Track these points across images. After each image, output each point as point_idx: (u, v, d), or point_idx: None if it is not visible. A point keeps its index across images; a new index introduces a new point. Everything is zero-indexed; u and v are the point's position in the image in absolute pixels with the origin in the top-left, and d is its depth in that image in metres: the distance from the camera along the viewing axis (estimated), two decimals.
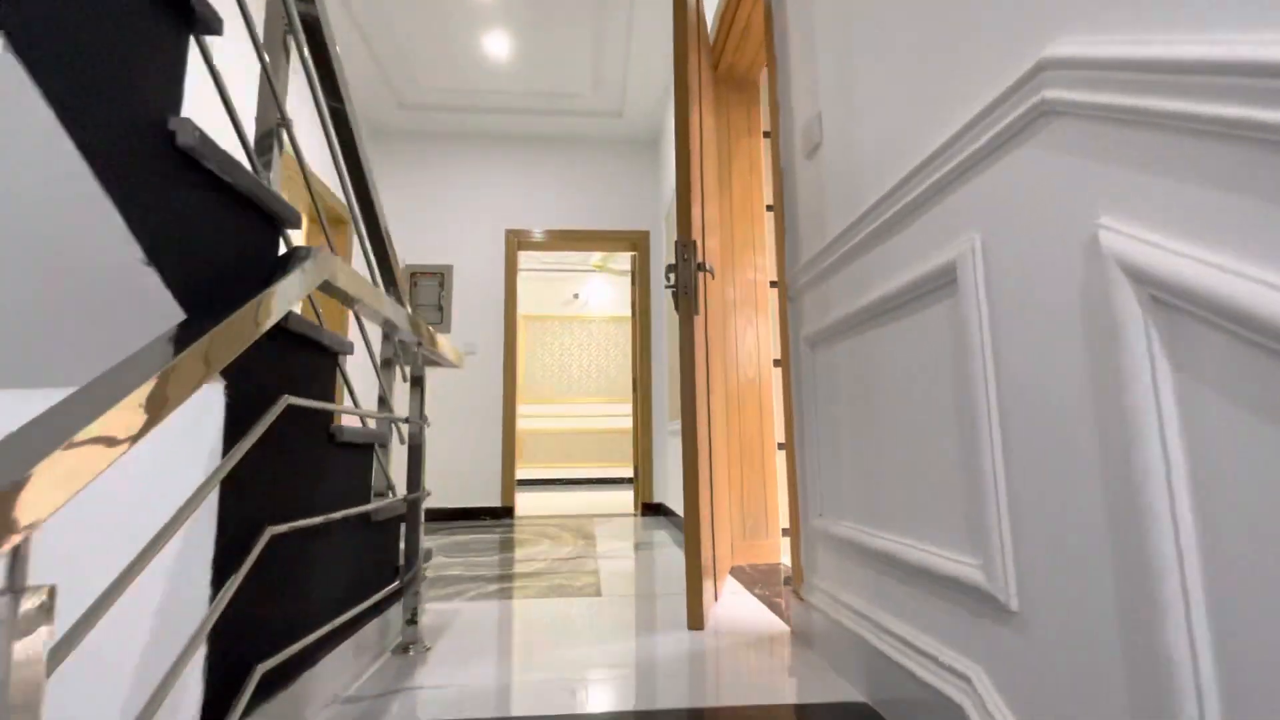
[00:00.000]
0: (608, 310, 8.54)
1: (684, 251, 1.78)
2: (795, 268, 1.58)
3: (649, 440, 4.41)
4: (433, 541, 3.26)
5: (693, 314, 1.77)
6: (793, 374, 1.60)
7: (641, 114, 4.38)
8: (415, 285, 4.42)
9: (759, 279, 2.75)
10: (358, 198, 1.63)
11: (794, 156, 1.61)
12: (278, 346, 1.00)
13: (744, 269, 2.74)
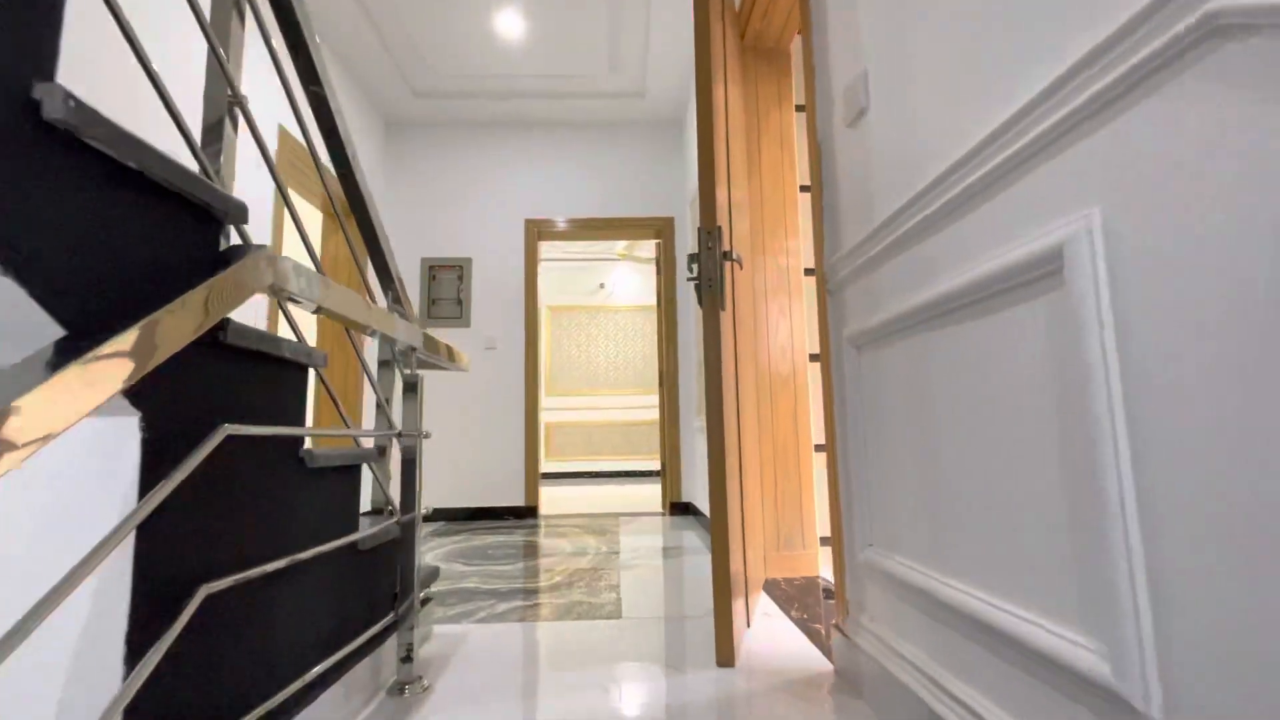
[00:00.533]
0: (634, 300, 8.35)
1: (708, 239, 1.58)
2: (835, 256, 1.37)
3: (676, 435, 4.23)
4: (451, 544, 3.14)
5: (719, 309, 1.57)
6: (834, 379, 1.39)
7: (664, 93, 4.15)
8: (434, 279, 4.29)
9: (792, 265, 2.53)
10: (345, 189, 1.47)
11: (833, 127, 1.39)
12: (214, 365, 0.84)
13: (776, 255, 2.52)
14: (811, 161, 1.51)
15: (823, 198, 1.46)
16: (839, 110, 1.36)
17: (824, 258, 1.45)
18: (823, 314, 1.45)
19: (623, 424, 8.08)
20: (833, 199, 1.40)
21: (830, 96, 1.41)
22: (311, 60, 1.26)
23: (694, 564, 2.64)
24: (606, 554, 2.87)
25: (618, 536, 3.34)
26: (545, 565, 2.64)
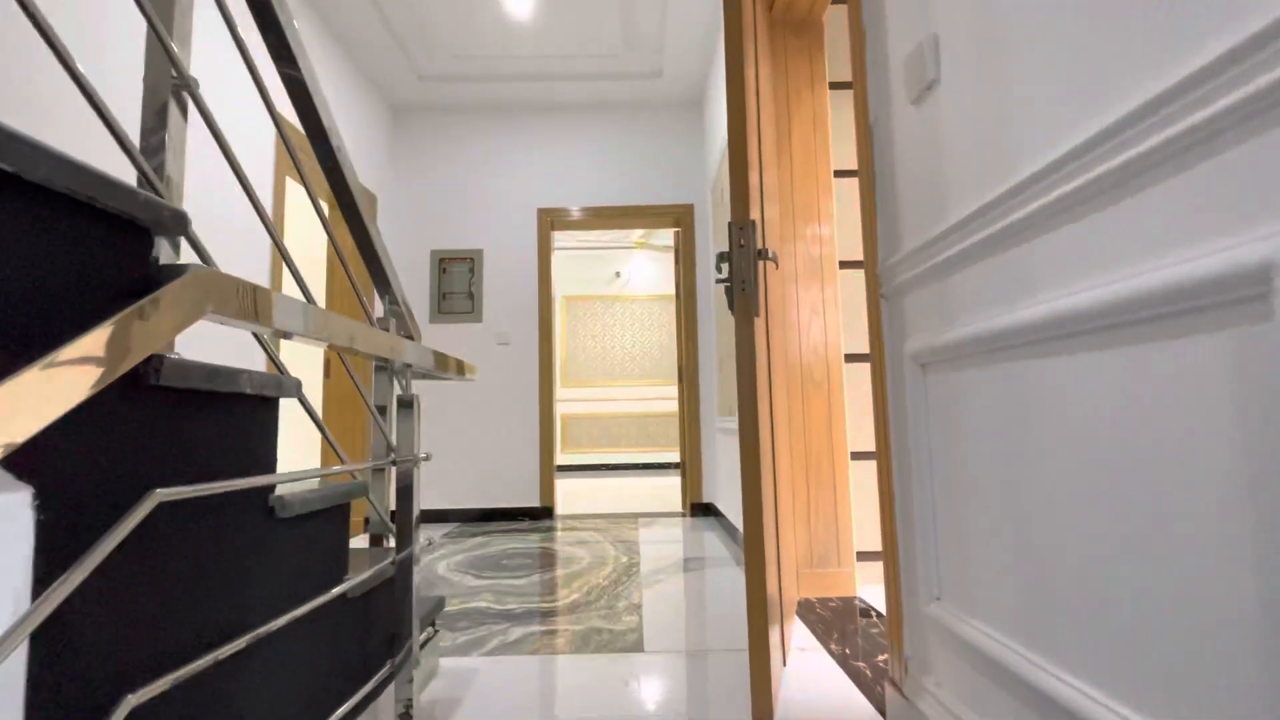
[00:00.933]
0: (651, 289, 8.16)
1: (740, 235, 1.39)
2: (893, 257, 1.17)
3: (696, 434, 4.05)
4: (464, 553, 3.01)
5: (752, 315, 1.38)
6: (890, 398, 1.21)
7: (682, 73, 3.92)
8: (444, 272, 4.14)
9: (825, 255, 2.33)
10: (332, 187, 1.31)
11: (889, 104, 1.19)
12: (143, 414, 0.67)
13: (808, 243, 2.32)
14: (860, 145, 1.31)
15: (874, 187, 1.26)
16: (897, 84, 1.15)
17: (876, 257, 1.25)
18: (874, 320, 1.26)
19: (640, 416, 7.93)
20: (888, 189, 1.20)
21: (885, 68, 1.21)
22: (283, 35, 1.09)
23: (719, 579, 2.48)
24: (626, 565, 2.71)
25: (637, 543, 3.19)
26: (562, 578, 2.49)
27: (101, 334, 0.52)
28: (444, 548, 3.16)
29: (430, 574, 2.62)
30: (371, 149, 3.88)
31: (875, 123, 1.26)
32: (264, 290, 0.74)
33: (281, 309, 0.76)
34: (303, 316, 0.82)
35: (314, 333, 0.85)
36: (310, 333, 0.84)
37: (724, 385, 3.43)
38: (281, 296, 0.77)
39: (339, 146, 1.27)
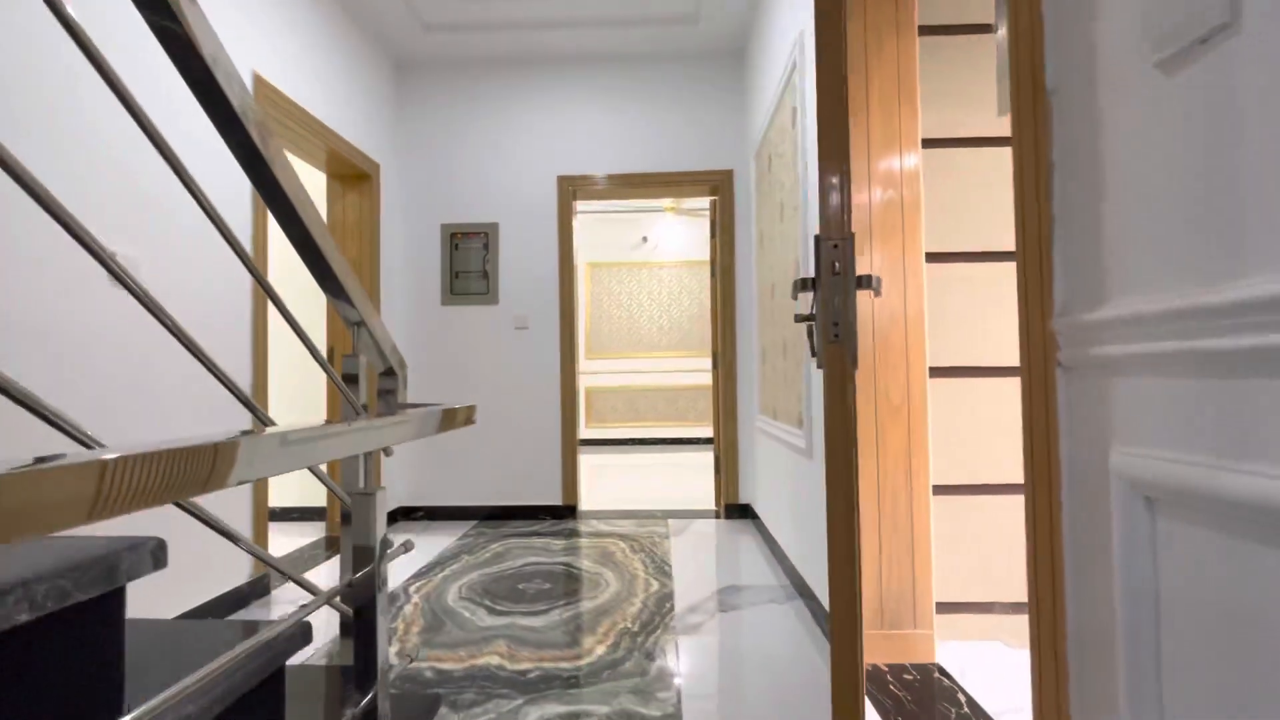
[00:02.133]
0: (680, 255, 7.67)
1: (834, 256, 0.98)
2: (1093, 312, 0.76)
3: (733, 430, 3.68)
4: (479, 573, 2.72)
5: (848, 369, 0.98)
6: (1064, 526, 0.81)
7: (721, 17, 3.39)
8: (457, 249, 3.76)
9: (908, 246, 1.89)
10: (243, 161, 0.93)
11: (1091, 64, 0.76)
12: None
13: (888, 236, 1.88)
14: (1020, 128, 0.88)
15: (1050, 196, 0.84)
16: (1118, 32, 0.72)
17: (1047, 303, 0.83)
18: (1036, 396, 0.85)
19: (668, 389, 7.57)
20: (1087, 202, 0.78)
21: (1078, 7, 0.77)
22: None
23: (766, 623, 2.14)
24: (658, 597, 2.39)
25: (669, 559, 2.87)
26: (586, 616, 2.18)
27: None
28: (458, 561, 2.89)
29: (439, 604, 2.34)
30: (372, 110, 3.46)
31: (1058, 94, 0.82)
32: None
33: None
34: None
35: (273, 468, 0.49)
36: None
37: (767, 381, 3.04)
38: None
39: (253, 123, 0.89)
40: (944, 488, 1.96)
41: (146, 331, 1.91)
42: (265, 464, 0.64)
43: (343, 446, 0.82)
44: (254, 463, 0.63)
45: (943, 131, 2.02)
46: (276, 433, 0.66)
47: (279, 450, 0.69)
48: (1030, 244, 0.86)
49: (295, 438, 0.70)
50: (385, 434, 0.95)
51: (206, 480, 0.59)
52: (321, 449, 0.76)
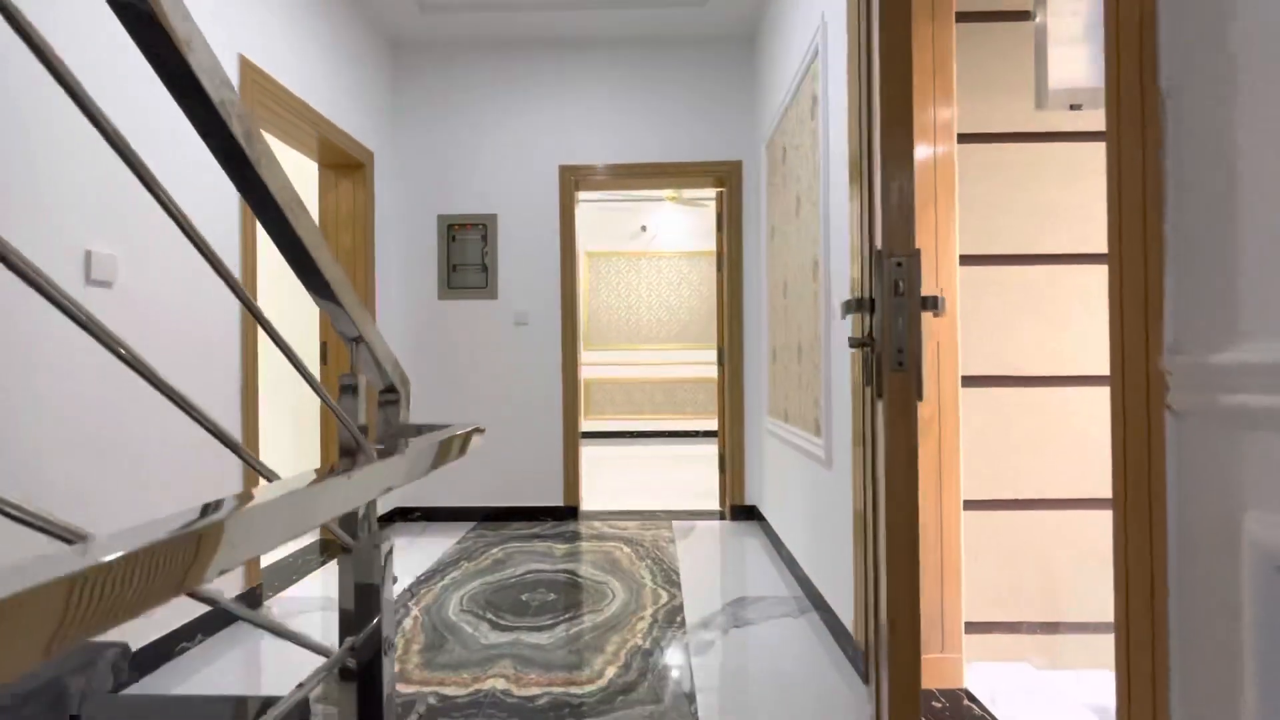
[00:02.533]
0: (680, 245, 7.54)
1: (897, 275, 0.86)
2: (1222, 352, 0.65)
3: (740, 431, 3.58)
4: (481, 582, 2.61)
5: (913, 401, 0.88)
6: (1171, 595, 0.71)
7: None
8: (454, 240, 3.62)
9: (941, 246, 1.78)
10: (225, 164, 0.80)
11: (1234, 70, 0.64)
12: None
13: (921, 240, 1.76)
14: (1123, 133, 0.76)
15: (1163, 213, 0.72)
16: (1266, 31, 0.60)
17: (1155, 337, 0.73)
18: (1136, 440, 0.74)
19: (667, 381, 7.47)
20: (1215, 223, 0.67)
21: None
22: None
23: (779, 640, 2.05)
24: (668, 609, 2.30)
25: (676, 565, 2.78)
26: (593, 632, 2.09)
27: None
28: (458, 568, 2.78)
29: (440, 617, 2.23)
30: (367, 95, 3.30)
31: (1174, 94, 0.71)
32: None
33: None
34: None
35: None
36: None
37: (778, 382, 2.94)
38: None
39: (245, 139, 0.76)
40: (973, 503, 1.87)
41: (114, 363, 1.77)
42: (255, 542, 0.53)
43: (341, 501, 0.71)
44: (238, 546, 0.51)
45: (976, 126, 1.90)
46: (268, 500, 0.55)
47: (272, 520, 0.58)
48: (1132, 268, 0.75)
49: (289, 501, 0.58)
50: (390, 474, 0.84)
51: (183, 580, 0.47)
52: (323, 506, 0.64)
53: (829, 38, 2.08)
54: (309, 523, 0.65)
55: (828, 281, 2.09)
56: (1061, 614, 1.90)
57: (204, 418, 0.66)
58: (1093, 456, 1.87)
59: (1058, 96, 1.90)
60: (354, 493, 0.73)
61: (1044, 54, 1.90)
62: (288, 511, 0.60)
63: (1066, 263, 1.90)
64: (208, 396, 2.09)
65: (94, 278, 1.69)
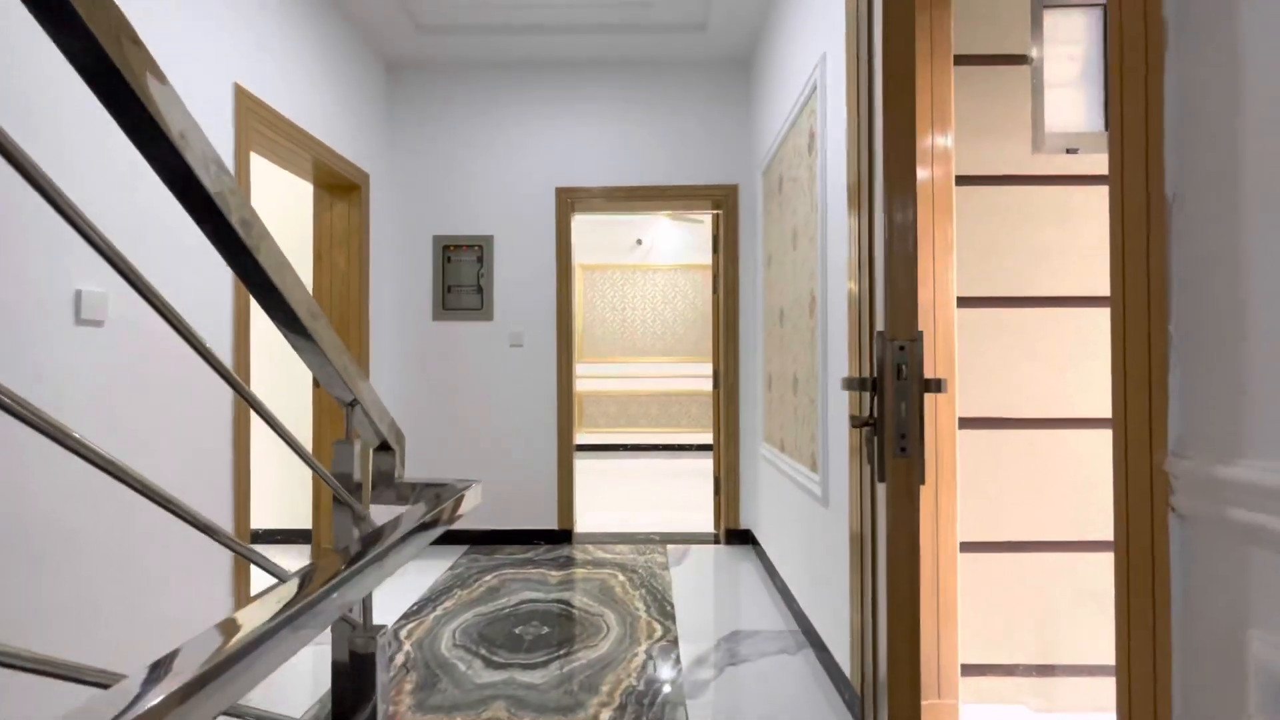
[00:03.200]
0: (675, 258, 7.55)
1: (900, 359, 0.86)
2: (1229, 464, 0.65)
3: (734, 453, 3.57)
4: (473, 613, 2.59)
5: (915, 486, 0.87)
6: (1175, 703, 0.70)
7: (730, 25, 3.25)
8: (449, 261, 3.60)
9: (939, 292, 1.78)
10: (224, 251, 0.79)
11: (1238, 177, 0.64)
12: None
13: (920, 283, 1.76)
14: (1128, 237, 0.76)
15: (1168, 315, 0.72)
16: (1272, 138, 0.60)
17: (1153, 436, 0.72)
18: (1139, 542, 0.74)
19: (662, 394, 7.46)
20: (1222, 331, 0.66)
21: (1215, 99, 0.65)
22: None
23: (780, 685, 2.04)
24: (662, 643, 2.29)
25: (671, 596, 2.76)
26: (587, 670, 2.07)
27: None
28: (451, 597, 2.76)
29: (432, 653, 2.21)
30: (362, 116, 3.28)
31: (1180, 200, 0.70)
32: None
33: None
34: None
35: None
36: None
37: (773, 410, 2.93)
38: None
39: (243, 228, 0.75)
40: (970, 544, 1.87)
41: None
42: (236, 688, 0.51)
43: (335, 607, 0.69)
44: (226, 690, 0.50)
45: (974, 168, 1.91)
46: (242, 642, 0.53)
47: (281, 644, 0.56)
48: (1136, 364, 0.75)
49: (271, 634, 0.56)
50: (388, 565, 0.83)
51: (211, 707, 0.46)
52: (301, 632, 0.63)
53: (828, 75, 2.09)
54: (312, 634, 0.64)
55: (825, 321, 2.09)
56: (1058, 656, 1.90)
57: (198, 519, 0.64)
58: (1090, 498, 1.87)
59: (1054, 140, 1.91)
60: (339, 600, 0.72)
61: (1041, 98, 1.91)
62: (291, 638, 0.59)
63: (1064, 305, 1.91)
64: (200, 427, 2.07)
65: (84, 317, 1.66)
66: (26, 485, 1.50)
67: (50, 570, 1.55)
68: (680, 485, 5.29)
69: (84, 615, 1.63)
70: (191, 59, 2.08)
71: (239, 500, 2.24)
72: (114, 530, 1.72)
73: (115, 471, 0.58)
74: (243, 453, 2.26)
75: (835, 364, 2.01)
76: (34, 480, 1.51)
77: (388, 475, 1.26)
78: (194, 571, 2.01)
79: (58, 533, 1.57)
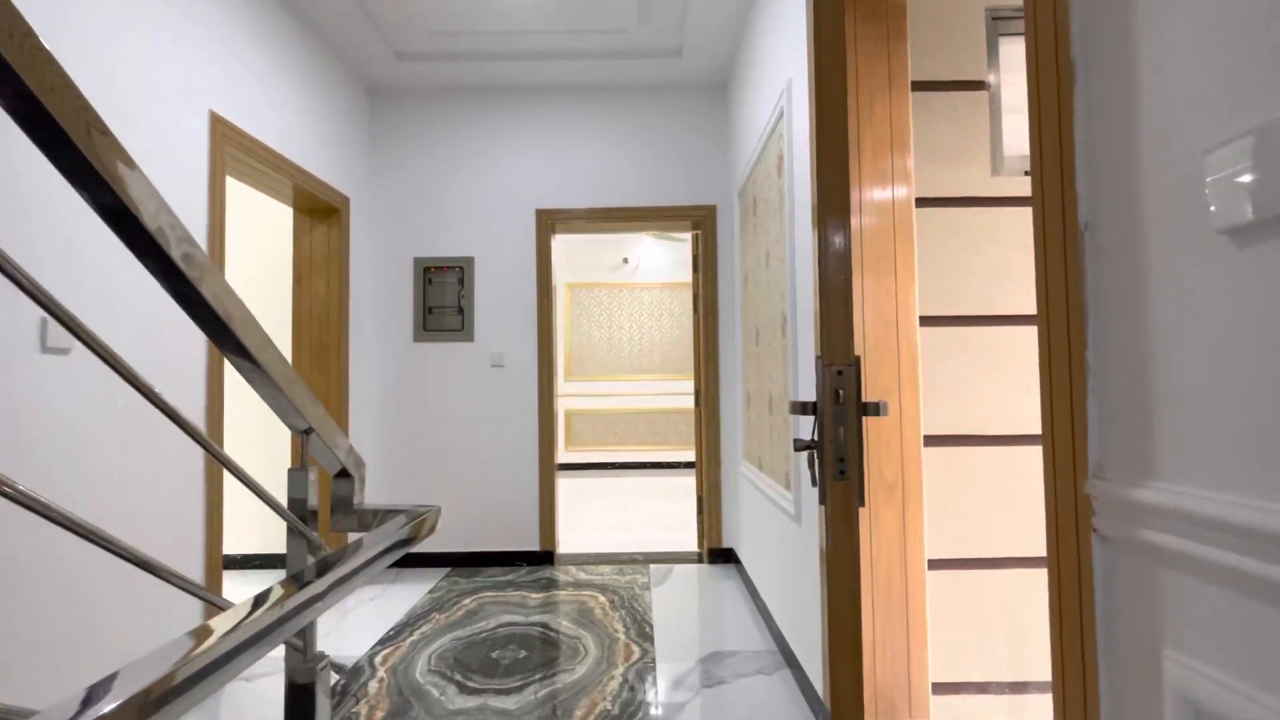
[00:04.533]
0: (661, 277, 7.60)
1: (837, 383, 0.88)
2: (1138, 486, 0.67)
3: (716, 473, 3.58)
4: (452, 636, 2.57)
5: (854, 507, 0.89)
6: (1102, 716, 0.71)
7: (705, 50, 3.31)
8: (430, 283, 3.62)
9: (902, 315, 1.81)
10: (155, 269, 0.81)
11: (1138, 212, 0.67)
12: None
13: (879, 302, 1.80)
14: (1048, 260, 0.79)
15: (1085, 341, 0.74)
16: (1167, 182, 0.63)
17: (1076, 461, 0.74)
18: (1067, 563, 0.75)
19: (649, 412, 7.46)
20: (1129, 359, 0.69)
21: (1117, 130, 0.68)
22: None
23: (756, 706, 2.03)
24: (639, 665, 2.27)
25: (650, 616, 2.75)
26: (563, 697, 2.05)
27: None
28: (429, 621, 2.73)
29: (406, 679, 2.19)
30: (343, 141, 3.31)
31: (1091, 229, 0.73)
32: None
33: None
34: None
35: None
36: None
37: (752, 429, 2.95)
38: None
39: (181, 239, 0.76)
40: (938, 562, 1.88)
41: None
42: (206, 689, 0.52)
43: (287, 628, 0.69)
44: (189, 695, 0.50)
45: (935, 190, 1.95)
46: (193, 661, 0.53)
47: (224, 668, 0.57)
48: (1059, 390, 0.77)
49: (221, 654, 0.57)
50: (329, 598, 0.83)
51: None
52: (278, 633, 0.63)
53: (793, 101, 2.13)
54: (258, 655, 0.64)
55: (795, 340, 2.11)
56: (1030, 673, 1.90)
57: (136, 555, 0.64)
58: None
59: (1013, 163, 1.96)
60: (285, 629, 0.72)
61: (999, 122, 1.97)
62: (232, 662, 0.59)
63: (1025, 323, 1.94)
64: (171, 453, 2.05)
65: (50, 345, 1.66)
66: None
67: (7, 606, 1.53)
68: (666, 503, 5.28)
69: (46, 651, 1.61)
70: (166, 87, 2.10)
71: (211, 529, 2.22)
72: (74, 564, 1.70)
73: (57, 518, 0.59)
74: (216, 482, 2.25)
75: (806, 383, 2.03)
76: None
77: (347, 501, 1.26)
78: (160, 605, 1.99)
79: (15, 566, 1.56)
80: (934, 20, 1.97)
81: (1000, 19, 2.02)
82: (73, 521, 0.61)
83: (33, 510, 0.59)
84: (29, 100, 0.58)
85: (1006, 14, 2.00)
